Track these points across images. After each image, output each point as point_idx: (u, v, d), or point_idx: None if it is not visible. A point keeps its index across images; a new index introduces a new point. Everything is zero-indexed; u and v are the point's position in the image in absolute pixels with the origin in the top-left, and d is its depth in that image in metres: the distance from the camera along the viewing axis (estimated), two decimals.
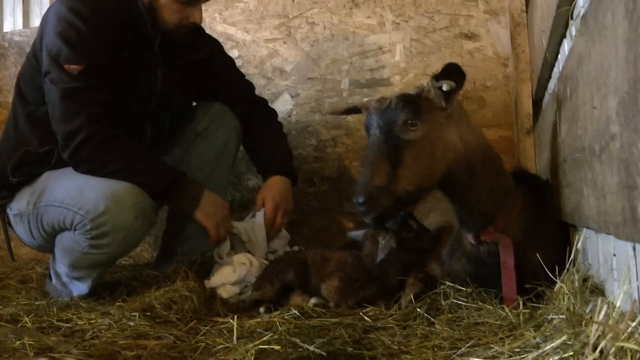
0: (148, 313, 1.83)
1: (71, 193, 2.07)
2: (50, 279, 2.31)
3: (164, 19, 2.22)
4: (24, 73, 2.33)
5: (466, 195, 1.66)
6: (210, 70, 2.55)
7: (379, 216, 1.56)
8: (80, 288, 2.18)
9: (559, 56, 2.04)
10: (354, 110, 1.88)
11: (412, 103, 1.58)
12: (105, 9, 2.16)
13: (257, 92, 2.76)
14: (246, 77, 2.75)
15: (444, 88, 1.56)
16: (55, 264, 2.24)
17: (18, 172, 2.22)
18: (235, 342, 1.46)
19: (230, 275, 2.15)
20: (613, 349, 0.87)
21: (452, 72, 1.55)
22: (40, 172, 2.23)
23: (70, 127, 2.08)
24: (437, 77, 1.56)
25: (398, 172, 1.51)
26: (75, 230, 2.07)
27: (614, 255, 1.25)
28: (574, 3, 1.63)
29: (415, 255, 1.97)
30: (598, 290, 1.34)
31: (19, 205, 2.24)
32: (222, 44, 2.75)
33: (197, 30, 2.39)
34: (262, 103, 2.72)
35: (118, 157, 2.12)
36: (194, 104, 2.68)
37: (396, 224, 1.98)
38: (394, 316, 1.70)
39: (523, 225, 1.70)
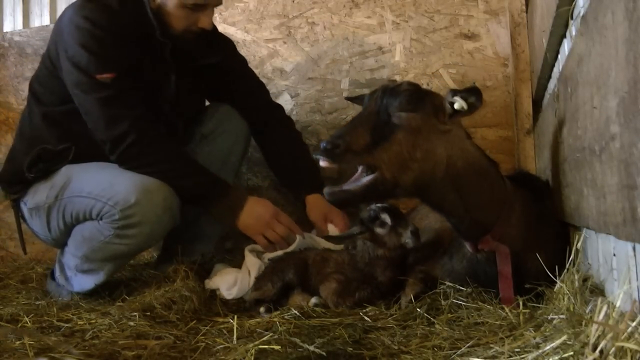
0: (148, 313, 1.83)
1: (100, 185, 2.10)
2: (52, 277, 2.32)
3: (172, 25, 2.22)
4: (39, 76, 2.36)
5: (456, 211, 1.65)
6: (223, 73, 2.54)
7: (341, 199, 1.56)
8: (84, 283, 2.18)
9: (559, 56, 2.05)
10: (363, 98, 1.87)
11: (420, 94, 1.59)
12: (119, 16, 2.18)
13: None
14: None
15: (455, 106, 1.55)
16: (63, 257, 2.26)
17: (34, 169, 2.26)
18: (235, 342, 1.46)
19: (229, 286, 2.14)
20: (613, 349, 0.87)
21: (472, 95, 1.55)
22: (56, 168, 2.26)
23: (117, 132, 2.11)
24: (455, 92, 1.56)
25: (374, 151, 1.51)
26: (101, 219, 2.08)
27: (614, 255, 1.25)
28: (574, 3, 1.63)
29: (399, 253, 1.88)
30: (598, 290, 1.34)
31: (35, 199, 2.27)
32: None
33: (210, 33, 2.36)
34: (278, 109, 2.68)
35: (163, 157, 2.16)
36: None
37: (368, 216, 1.88)
38: (394, 316, 1.70)
39: (522, 231, 1.69)
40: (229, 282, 2.15)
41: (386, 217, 1.85)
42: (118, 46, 2.15)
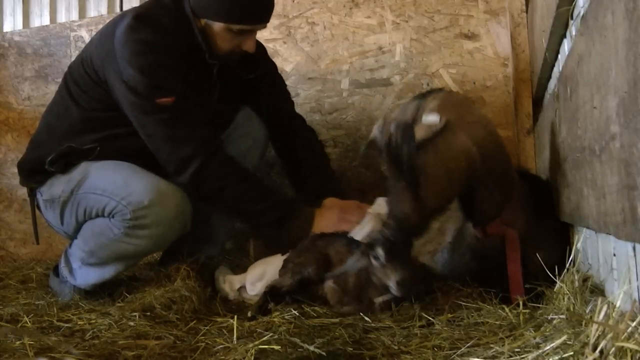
0: (148, 313, 1.83)
1: (115, 183, 2.10)
2: (55, 273, 2.31)
3: (217, 44, 2.22)
4: (78, 81, 2.31)
5: (479, 188, 1.64)
6: (257, 82, 2.55)
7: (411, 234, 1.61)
8: (88, 276, 2.18)
9: (559, 56, 2.04)
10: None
11: (409, 132, 1.53)
12: (172, 35, 2.16)
13: None
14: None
15: (430, 121, 1.53)
16: (70, 249, 2.26)
17: (55, 164, 2.25)
18: (235, 342, 1.46)
19: (253, 280, 2.10)
20: (613, 349, 0.87)
21: (427, 106, 1.54)
22: (76, 163, 2.26)
23: (183, 154, 2.11)
24: (414, 120, 1.54)
25: (420, 196, 1.52)
26: (112, 217, 2.09)
27: (614, 255, 1.25)
28: (574, 3, 1.64)
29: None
30: (598, 290, 1.34)
31: (51, 191, 2.27)
32: None
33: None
34: (299, 119, 2.68)
35: (232, 182, 2.15)
36: None
37: (369, 242, 1.72)
38: (394, 316, 1.70)
39: (526, 222, 1.70)
40: (255, 276, 2.10)
41: (380, 253, 1.66)
42: (175, 68, 2.14)
